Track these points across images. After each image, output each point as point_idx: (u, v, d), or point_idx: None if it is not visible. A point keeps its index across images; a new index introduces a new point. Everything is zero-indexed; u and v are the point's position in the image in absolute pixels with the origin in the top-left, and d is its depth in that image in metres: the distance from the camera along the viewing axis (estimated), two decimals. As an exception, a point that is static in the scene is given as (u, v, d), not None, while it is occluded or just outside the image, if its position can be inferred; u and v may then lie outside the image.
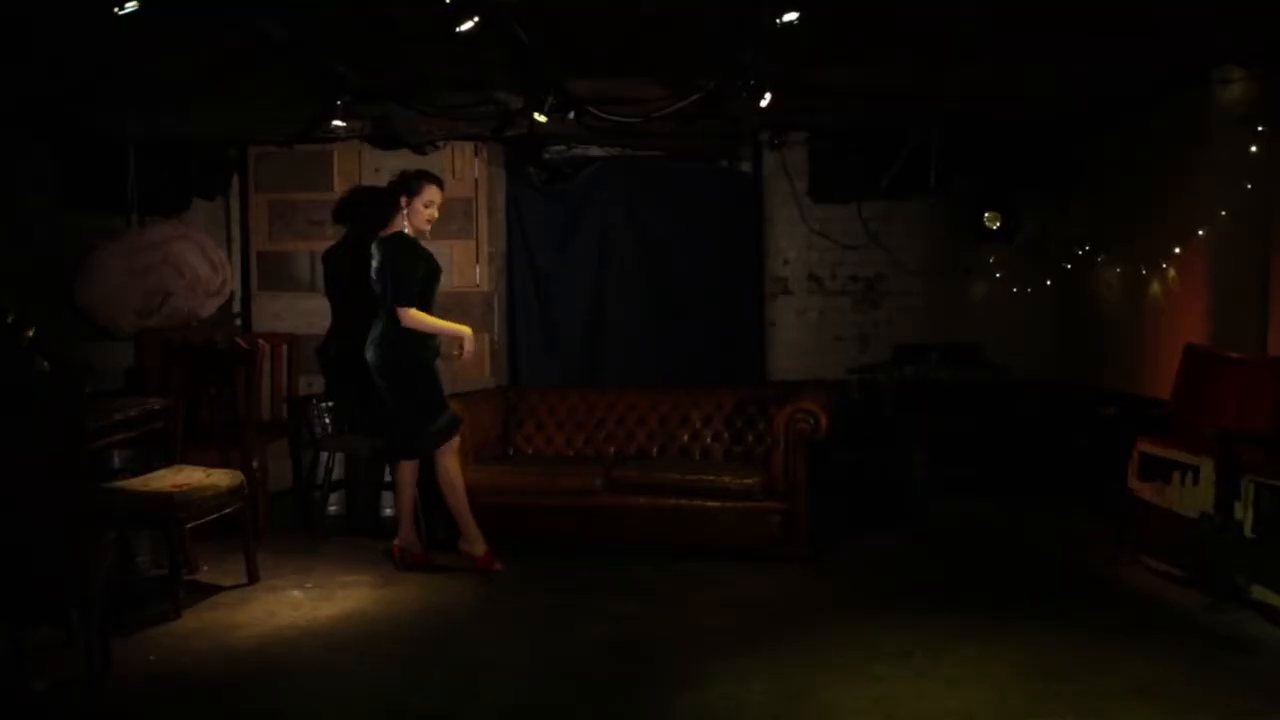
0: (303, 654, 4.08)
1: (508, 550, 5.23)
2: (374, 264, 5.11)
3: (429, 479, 5.43)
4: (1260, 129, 5.12)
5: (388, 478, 6.11)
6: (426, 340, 5.12)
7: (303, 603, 4.71)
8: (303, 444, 6.37)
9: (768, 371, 7.25)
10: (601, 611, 4.53)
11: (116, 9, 3.74)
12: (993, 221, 6.86)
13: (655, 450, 5.93)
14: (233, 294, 6.84)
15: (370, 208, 6.36)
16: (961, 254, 7.21)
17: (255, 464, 5.41)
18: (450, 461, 5.19)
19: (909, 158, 6.82)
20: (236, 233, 6.93)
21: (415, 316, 5.02)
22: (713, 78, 5.19)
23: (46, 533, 3.64)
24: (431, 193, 5.12)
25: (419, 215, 5.10)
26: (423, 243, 5.19)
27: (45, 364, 4.50)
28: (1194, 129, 5.60)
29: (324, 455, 6.00)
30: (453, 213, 6.62)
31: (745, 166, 7.33)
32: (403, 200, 5.10)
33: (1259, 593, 4.28)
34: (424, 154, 6.65)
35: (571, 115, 5.66)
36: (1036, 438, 6.69)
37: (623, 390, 6.21)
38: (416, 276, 5.05)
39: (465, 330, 5.13)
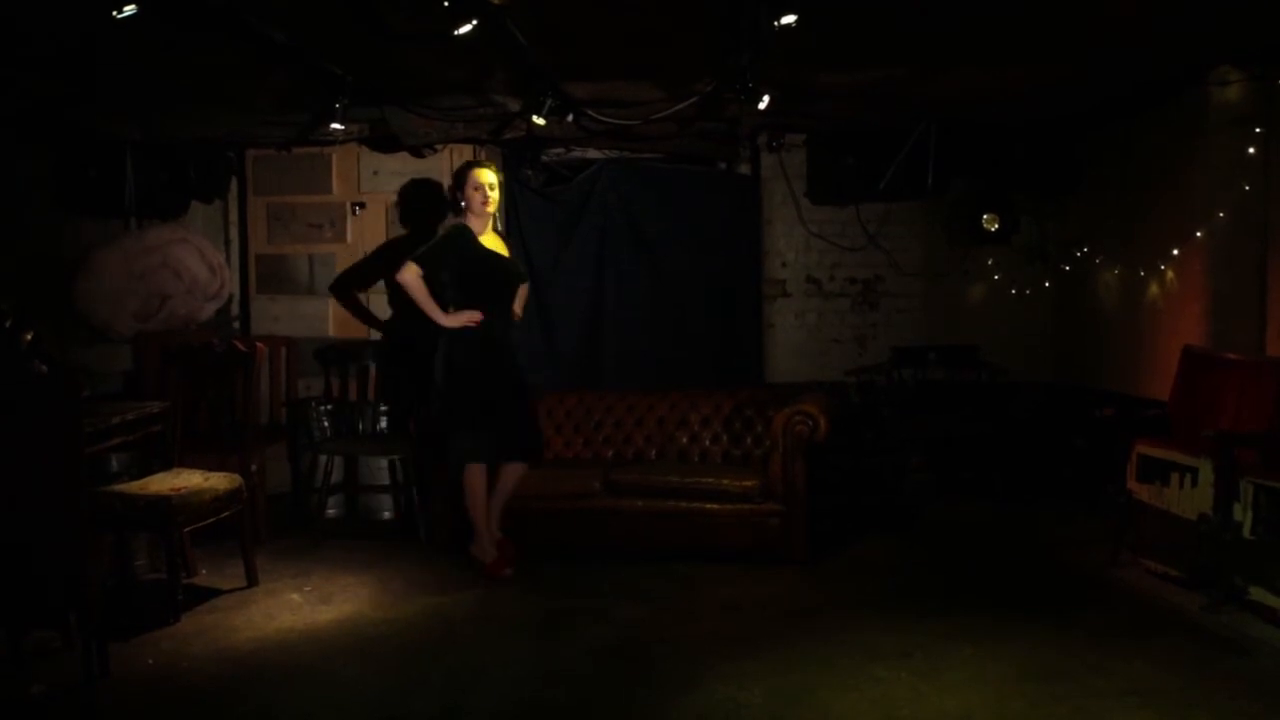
0: (301, 657, 4.08)
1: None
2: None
3: (426, 480, 5.45)
4: (1257, 130, 5.13)
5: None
6: (484, 341, 5.02)
7: (301, 606, 4.71)
8: (301, 447, 6.36)
9: (766, 374, 7.25)
10: (600, 614, 4.53)
11: (115, 13, 3.74)
12: (991, 224, 6.87)
13: (654, 453, 5.92)
14: (231, 297, 6.85)
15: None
16: (959, 256, 7.22)
17: (253, 467, 5.40)
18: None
19: (907, 159, 6.83)
20: (235, 235, 6.93)
21: (408, 274, 4.92)
22: (711, 80, 5.19)
23: (45, 536, 3.64)
24: (474, 176, 5.05)
25: (474, 201, 5.04)
26: (477, 225, 5.06)
27: (43, 367, 4.49)
28: (1191, 130, 5.61)
29: (322, 458, 5.99)
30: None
31: (743, 169, 7.34)
32: (458, 195, 5.10)
33: (1257, 594, 4.28)
34: (422, 157, 6.65)
35: (570, 118, 5.67)
36: (1035, 439, 6.70)
37: (621, 393, 6.20)
38: (438, 252, 4.99)
39: (439, 315, 4.96)
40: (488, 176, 5.07)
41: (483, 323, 4.97)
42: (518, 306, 5.30)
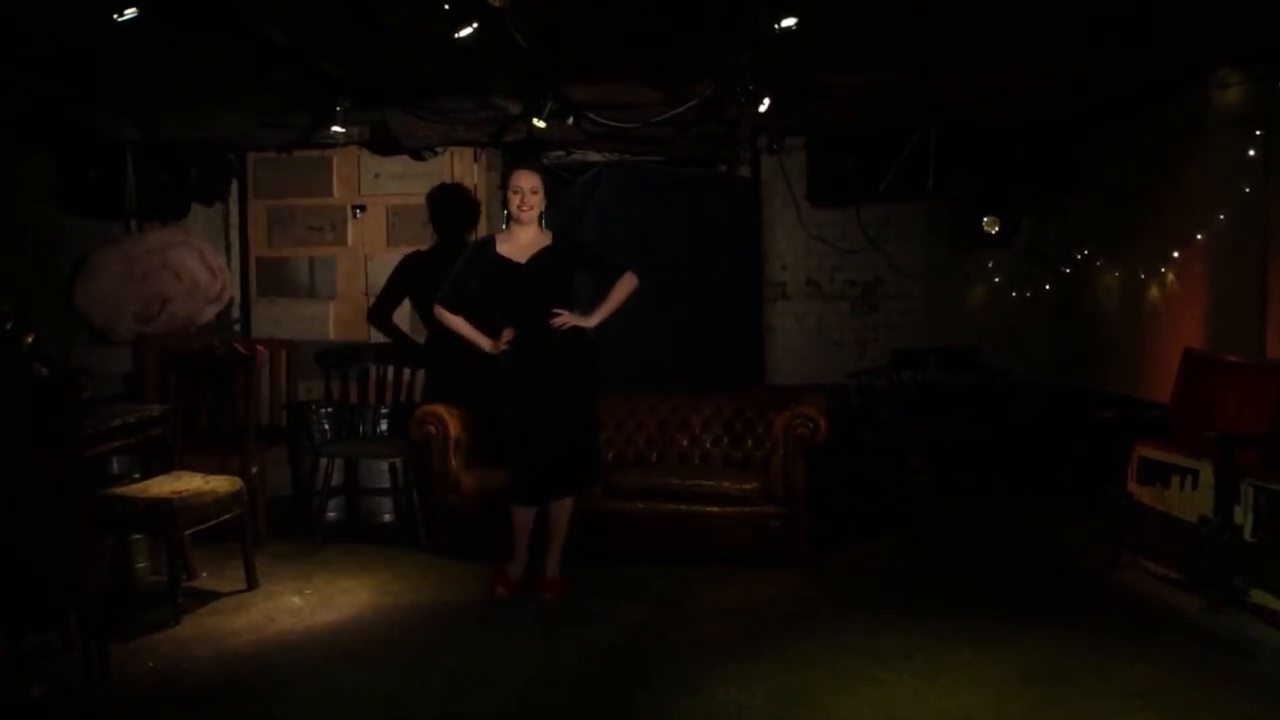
0: (302, 660, 4.07)
1: (505, 555, 5.21)
2: None
3: (426, 483, 5.43)
4: (1258, 132, 5.13)
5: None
6: (513, 365, 4.81)
7: (302, 609, 4.70)
8: (301, 450, 6.36)
9: (766, 376, 7.25)
10: (601, 617, 4.53)
11: (116, 15, 3.74)
12: (991, 226, 6.87)
13: (654, 455, 5.91)
14: (231, 300, 6.85)
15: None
16: (960, 258, 7.22)
17: (254, 470, 5.39)
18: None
19: (907, 161, 6.83)
20: (235, 238, 6.94)
21: (439, 314, 4.90)
22: (711, 82, 5.20)
23: (45, 538, 3.63)
24: (514, 179, 4.84)
25: (510, 203, 4.84)
26: (517, 231, 4.84)
27: (44, 369, 4.49)
28: (1191, 131, 5.61)
29: (323, 461, 5.99)
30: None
31: (744, 171, 7.34)
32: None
33: (1258, 596, 4.27)
34: (423, 159, 6.66)
35: (570, 120, 5.67)
36: (1035, 441, 6.69)
37: (622, 395, 6.18)
38: (459, 277, 4.87)
39: (483, 342, 4.85)
40: (522, 180, 4.79)
41: (513, 343, 4.78)
42: (612, 304, 4.97)
